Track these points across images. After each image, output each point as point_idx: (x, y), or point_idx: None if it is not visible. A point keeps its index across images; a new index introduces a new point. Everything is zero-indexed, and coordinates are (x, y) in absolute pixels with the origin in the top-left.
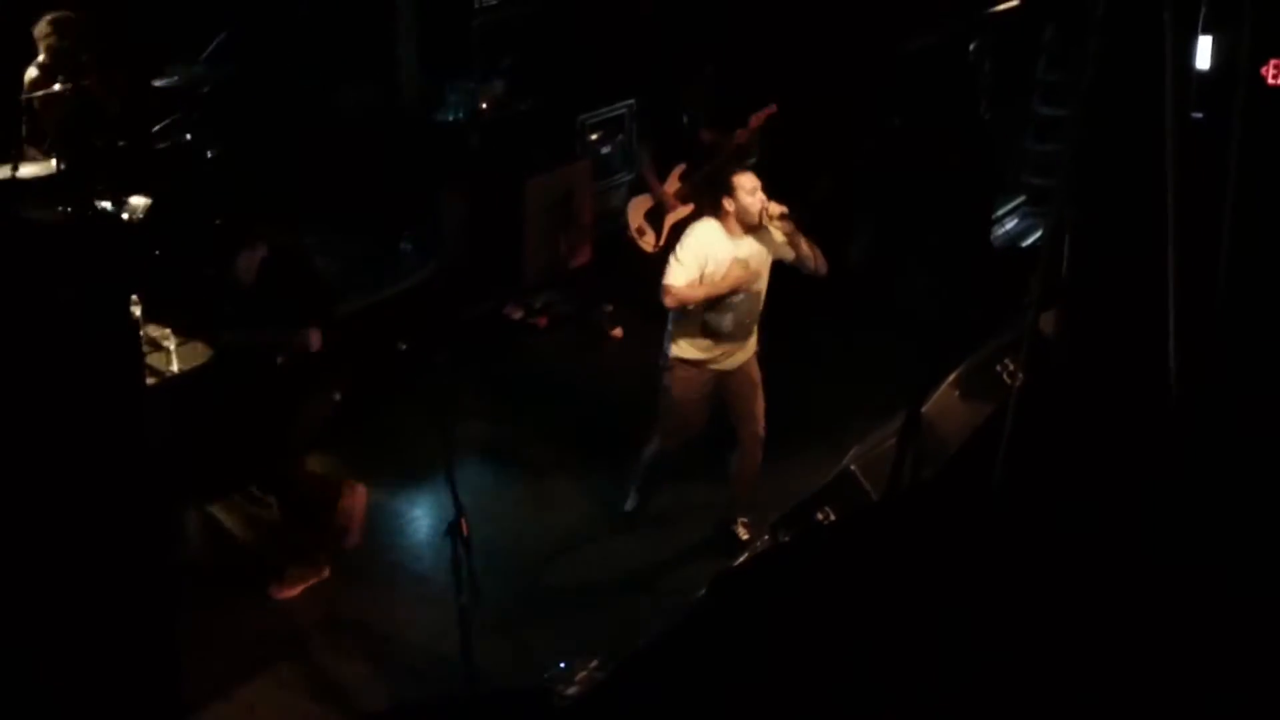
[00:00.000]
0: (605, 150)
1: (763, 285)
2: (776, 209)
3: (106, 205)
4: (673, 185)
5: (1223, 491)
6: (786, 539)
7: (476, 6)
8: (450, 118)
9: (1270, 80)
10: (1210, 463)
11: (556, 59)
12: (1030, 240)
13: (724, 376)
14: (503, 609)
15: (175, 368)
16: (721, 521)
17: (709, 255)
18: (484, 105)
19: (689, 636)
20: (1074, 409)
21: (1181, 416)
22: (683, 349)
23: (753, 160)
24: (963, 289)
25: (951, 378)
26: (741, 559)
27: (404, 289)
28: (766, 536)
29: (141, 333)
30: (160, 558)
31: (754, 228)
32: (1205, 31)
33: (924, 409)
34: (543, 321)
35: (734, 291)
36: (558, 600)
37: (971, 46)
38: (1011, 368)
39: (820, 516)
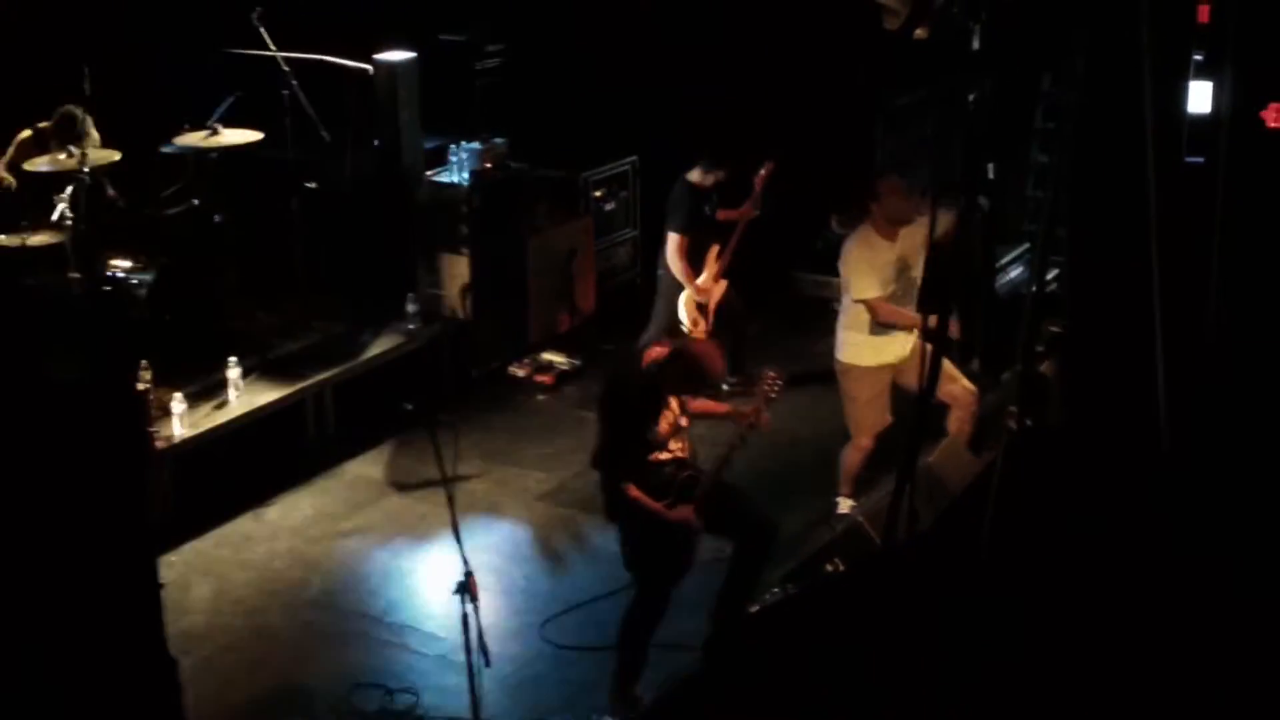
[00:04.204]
0: (608, 207)
1: (917, 274)
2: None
3: (116, 272)
4: (711, 268)
5: (1214, 535)
6: (795, 591)
7: (478, 68)
8: (452, 178)
9: (1271, 123)
10: (1202, 507)
11: (559, 117)
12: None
13: (899, 366)
14: (512, 667)
15: (185, 432)
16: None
17: (874, 258)
18: (486, 165)
19: (697, 692)
20: (1068, 455)
21: (1173, 462)
22: (858, 356)
23: (758, 213)
24: (966, 337)
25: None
26: (753, 609)
27: (409, 349)
28: (776, 589)
29: (151, 398)
30: (161, 627)
31: (903, 222)
32: (1206, 75)
33: (931, 458)
34: (548, 379)
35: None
36: (568, 658)
37: (970, 97)
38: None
39: (829, 568)
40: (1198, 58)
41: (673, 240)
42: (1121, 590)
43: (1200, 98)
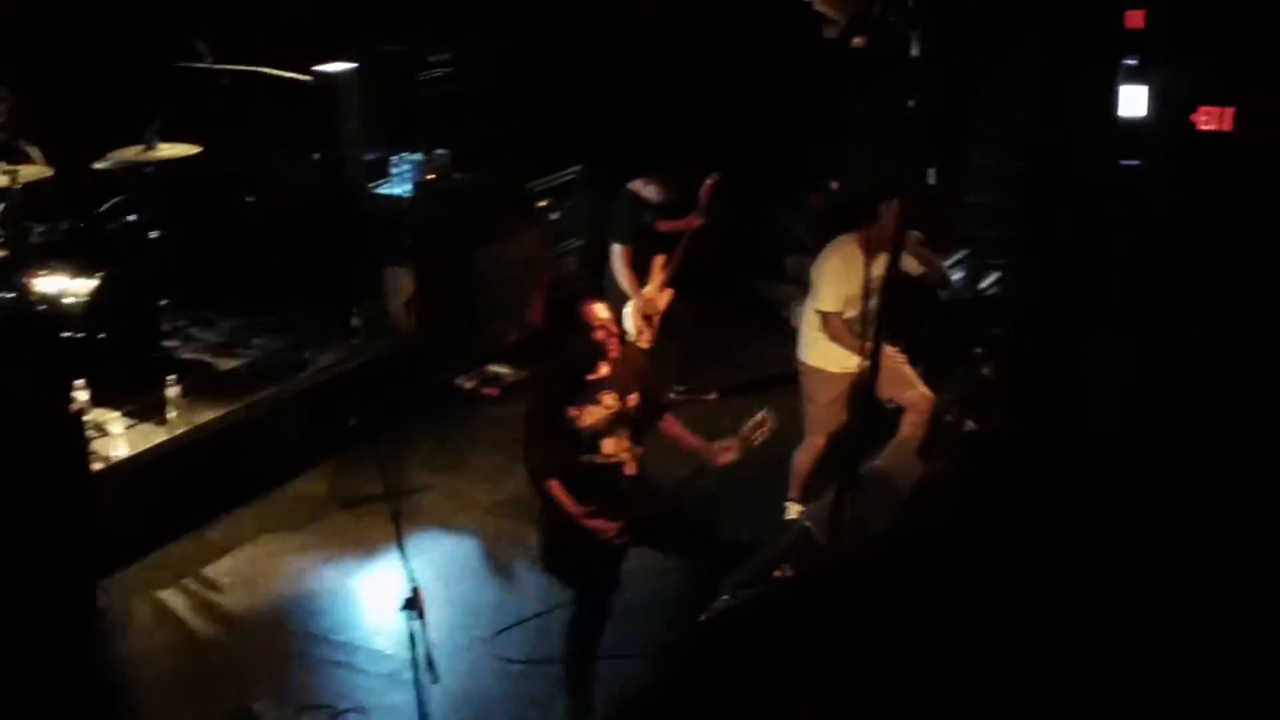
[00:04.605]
0: (554, 216)
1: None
2: (915, 235)
3: (50, 290)
4: (656, 278)
5: (1159, 530)
6: (745, 598)
7: (420, 79)
8: (395, 190)
9: (1200, 126)
10: (1144, 501)
11: (503, 127)
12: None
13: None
14: (462, 683)
15: (123, 452)
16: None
17: (850, 273)
18: (430, 176)
19: (653, 701)
20: (1014, 455)
21: (1114, 456)
22: (824, 360)
23: (703, 223)
24: (911, 342)
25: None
26: (704, 617)
27: (354, 364)
28: (727, 596)
29: (88, 418)
30: (102, 647)
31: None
32: (1141, 81)
33: (879, 461)
34: (495, 391)
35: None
36: (519, 673)
37: (910, 104)
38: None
39: (778, 574)
40: (1132, 62)
41: (617, 251)
42: (1070, 585)
43: (1136, 102)
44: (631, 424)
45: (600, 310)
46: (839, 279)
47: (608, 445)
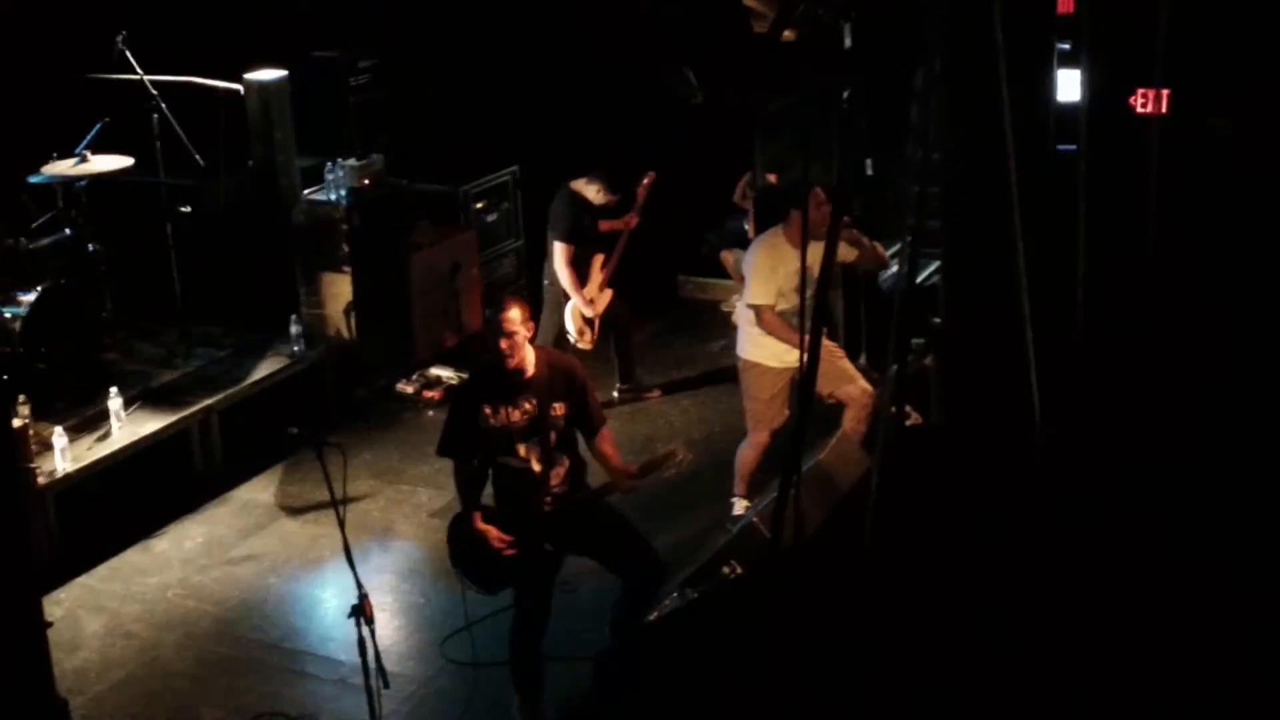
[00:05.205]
0: (490, 219)
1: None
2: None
3: None
4: (596, 278)
5: (1089, 529)
6: (695, 596)
7: (351, 84)
8: (330, 197)
9: (1138, 109)
10: (1075, 500)
11: (436, 131)
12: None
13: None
14: (413, 687)
15: (67, 467)
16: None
17: (777, 265)
18: (364, 182)
19: (599, 704)
20: (947, 451)
21: (1046, 452)
22: (762, 355)
23: (640, 221)
24: (850, 334)
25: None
26: (651, 617)
27: (294, 372)
28: (675, 594)
29: (30, 433)
30: (48, 667)
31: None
32: (1075, 65)
33: (822, 456)
34: (436, 394)
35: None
36: (469, 675)
37: (844, 95)
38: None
39: (727, 570)
40: (1065, 47)
41: (559, 249)
42: (999, 586)
43: (1070, 87)
44: (554, 432)
45: (514, 313)
46: (767, 271)
47: (523, 450)
